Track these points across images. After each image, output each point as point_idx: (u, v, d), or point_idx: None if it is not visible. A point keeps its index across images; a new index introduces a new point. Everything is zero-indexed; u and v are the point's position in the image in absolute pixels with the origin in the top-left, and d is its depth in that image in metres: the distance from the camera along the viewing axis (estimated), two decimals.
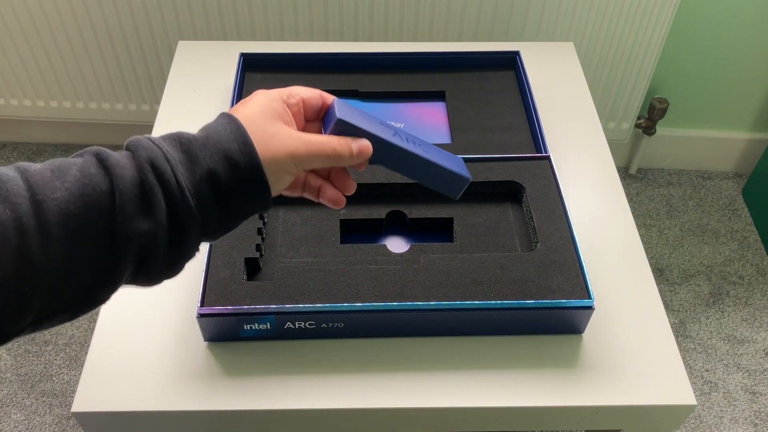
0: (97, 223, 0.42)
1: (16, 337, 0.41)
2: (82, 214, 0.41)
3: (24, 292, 0.39)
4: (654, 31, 1.38)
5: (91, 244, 0.42)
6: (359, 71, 0.98)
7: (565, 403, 0.67)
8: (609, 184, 0.88)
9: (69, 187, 0.41)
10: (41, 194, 0.40)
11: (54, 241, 0.39)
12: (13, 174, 0.40)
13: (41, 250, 0.39)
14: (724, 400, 1.39)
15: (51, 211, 0.39)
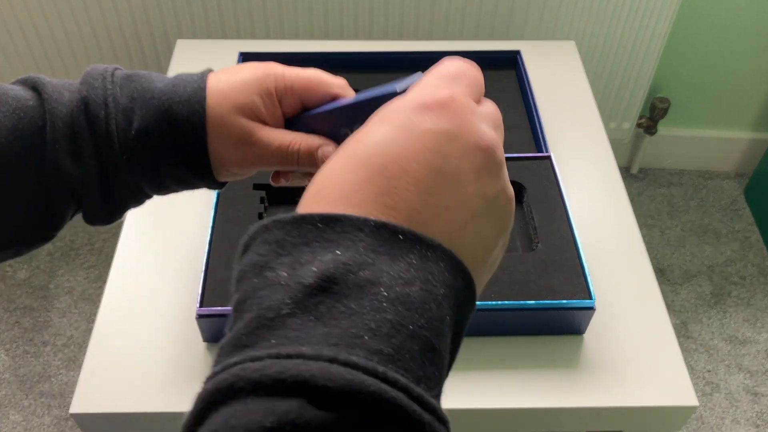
0: (29, 159, 0.40)
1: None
2: (12, 149, 0.39)
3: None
4: (655, 31, 1.38)
5: (22, 179, 0.40)
6: (359, 71, 0.97)
7: (566, 404, 0.67)
8: (610, 184, 0.87)
9: (1, 118, 0.39)
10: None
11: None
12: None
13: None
14: (726, 401, 1.38)
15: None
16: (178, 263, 0.77)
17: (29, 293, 1.51)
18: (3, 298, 1.50)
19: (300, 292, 0.26)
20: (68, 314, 1.48)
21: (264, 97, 0.44)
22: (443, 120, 0.28)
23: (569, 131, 0.94)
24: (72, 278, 1.54)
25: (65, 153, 0.41)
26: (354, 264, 0.26)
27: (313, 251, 0.27)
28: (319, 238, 0.27)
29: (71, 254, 1.58)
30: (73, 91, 0.42)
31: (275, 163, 0.45)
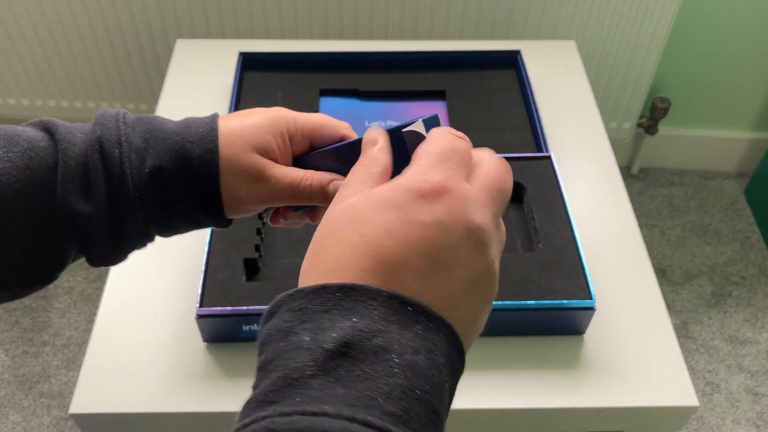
0: (37, 199, 0.41)
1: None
2: (21, 188, 0.40)
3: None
4: (656, 30, 1.38)
5: (29, 219, 0.41)
6: (359, 70, 0.97)
7: (567, 404, 0.67)
8: (611, 184, 0.87)
9: (13, 158, 0.40)
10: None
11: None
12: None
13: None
14: (727, 401, 1.38)
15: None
16: (178, 263, 0.77)
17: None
18: None
19: (321, 356, 0.29)
20: (68, 314, 1.48)
21: (277, 137, 0.46)
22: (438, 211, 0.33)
23: (569, 131, 0.94)
24: (72, 278, 1.54)
25: (77, 191, 0.42)
26: (369, 331, 0.30)
27: (332, 318, 0.30)
28: (338, 306, 0.31)
29: None
30: (86, 132, 0.43)
31: (286, 199, 0.46)
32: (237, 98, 0.90)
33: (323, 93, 0.95)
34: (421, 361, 0.30)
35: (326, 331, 0.30)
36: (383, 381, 0.29)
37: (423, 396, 0.30)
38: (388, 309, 0.31)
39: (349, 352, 0.30)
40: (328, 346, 0.30)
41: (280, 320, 0.32)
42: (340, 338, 0.30)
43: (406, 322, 0.31)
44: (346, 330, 0.30)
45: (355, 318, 0.30)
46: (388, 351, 0.30)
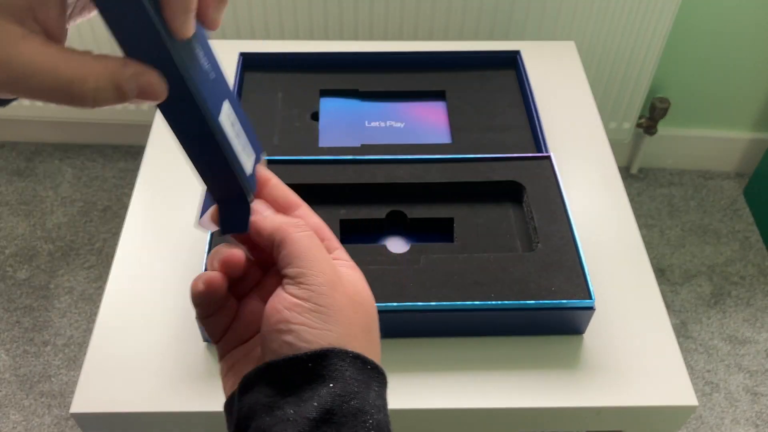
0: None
1: None
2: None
3: None
4: (655, 31, 1.38)
5: None
6: (359, 70, 0.97)
7: (566, 404, 0.67)
8: (610, 184, 0.87)
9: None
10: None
11: None
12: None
13: None
14: (726, 400, 1.38)
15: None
16: (178, 263, 0.77)
17: (29, 293, 1.51)
18: (3, 298, 1.50)
19: (307, 426, 0.31)
20: (68, 314, 1.48)
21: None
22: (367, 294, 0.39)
23: (569, 131, 0.94)
24: (72, 278, 1.54)
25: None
26: (346, 394, 0.33)
27: (311, 388, 0.33)
28: (312, 374, 0.33)
29: (71, 254, 1.58)
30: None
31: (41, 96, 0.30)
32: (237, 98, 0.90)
33: (323, 93, 0.95)
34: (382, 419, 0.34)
35: (308, 402, 0.32)
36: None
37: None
38: (356, 368, 0.34)
39: (331, 419, 0.32)
40: (312, 415, 0.32)
41: (262, 394, 0.33)
42: (321, 407, 0.32)
43: (368, 380, 0.34)
44: (325, 397, 0.32)
45: (331, 383, 0.33)
46: (363, 413, 0.33)
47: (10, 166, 1.76)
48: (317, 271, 0.35)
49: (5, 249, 1.59)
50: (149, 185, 0.86)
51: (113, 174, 1.75)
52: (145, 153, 0.90)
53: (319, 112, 0.92)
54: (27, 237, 1.61)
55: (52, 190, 1.71)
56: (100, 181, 1.73)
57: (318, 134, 0.88)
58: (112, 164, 1.77)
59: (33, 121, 1.71)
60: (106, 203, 1.69)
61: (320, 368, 0.33)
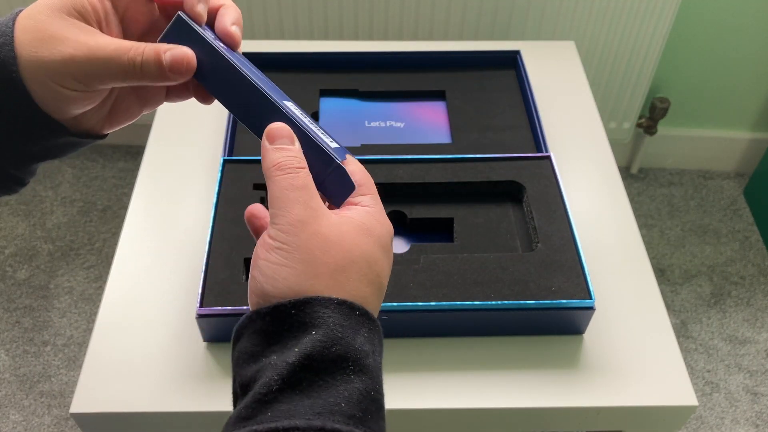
0: None
1: None
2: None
3: None
4: (655, 31, 1.38)
5: None
6: (359, 71, 0.97)
7: (566, 404, 0.67)
8: (610, 184, 0.87)
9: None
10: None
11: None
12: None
13: None
14: (726, 400, 1.38)
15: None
16: (178, 263, 0.77)
17: (29, 293, 1.51)
18: (3, 298, 1.50)
19: (286, 370, 0.32)
20: (68, 314, 1.48)
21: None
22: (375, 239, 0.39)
23: (569, 131, 0.94)
24: (72, 278, 1.54)
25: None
26: (327, 340, 0.33)
27: (294, 335, 0.33)
28: (296, 322, 0.33)
29: (71, 254, 1.58)
30: None
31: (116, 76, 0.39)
32: None
33: (323, 93, 0.95)
34: (371, 364, 0.34)
35: (291, 348, 0.33)
36: (343, 388, 0.32)
37: (374, 396, 0.34)
38: (341, 315, 0.34)
39: (311, 364, 0.32)
40: (291, 359, 0.32)
41: (249, 343, 0.35)
42: (302, 352, 0.32)
43: (356, 326, 0.34)
44: (306, 344, 0.33)
45: (313, 330, 0.33)
46: (345, 359, 0.33)
47: None
48: (285, 211, 0.36)
49: (5, 249, 1.59)
50: (149, 185, 0.86)
51: (113, 174, 1.75)
52: (145, 153, 0.90)
53: (319, 112, 0.92)
54: (27, 237, 1.61)
55: (52, 190, 1.71)
56: (100, 181, 1.73)
57: None
58: (112, 164, 1.77)
59: None
60: (106, 203, 1.69)
61: (303, 315, 0.34)
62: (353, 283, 0.36)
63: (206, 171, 0.87)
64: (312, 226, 0.36)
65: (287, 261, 0.35)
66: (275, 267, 0.35)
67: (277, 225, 0.36)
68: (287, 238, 0.35)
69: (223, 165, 0.79)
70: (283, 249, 0.35)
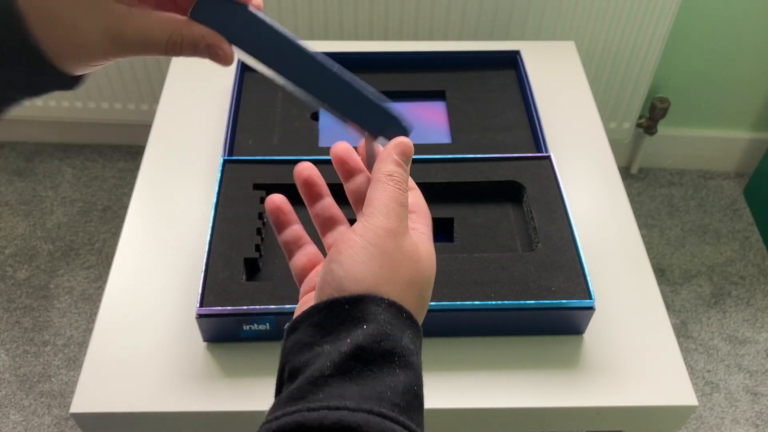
0: None
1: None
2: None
3: None
4: (655, 31, 1.38)
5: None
6: (359, 71, 0.97)
7: (566, 404, 0.67)
8: (610, 184, 0.87)
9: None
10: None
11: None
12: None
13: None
14: (726, 400, 1.38)
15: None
16: (178, 263, 0.77)
17: (29, 293, 1.51)
18: (3, 298, 1.50)
19: (338, 358, 0.35)
20: (68, 314, 1.48)
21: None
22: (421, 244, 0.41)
23: (569, 131, 0.94)
24: (72, 278, 1.54)
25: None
26: (377, 335, 0.35)
27: (347, 329, 0.36)
28: (350, 316, 0.36)
29: (71, 254, 1.58)
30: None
31: (152, 52, 0.40)
32: (237, 98, 0.90)
33: None
34: (414, 362, 0.37)
35: (343, 339, 0.35)
36: (389, 379, 0.35)
37: (417, 390, 0.36)
38: (390, 314, 0.37)
39: (361, 354, 0.35)
40: (343, 349, 0.35)
41: (304, 334, 0.37)
42: (354, 343, 0.35)
43: (403, 326, 0.37)
44: (358, 336, 0.35)
45: (365, 325, 0.36)
46: (392, 354, 0.35)
47: (10, 166, 1.76)
48: (384, 217, 0.39)
49: (5, 249, 1.59)
50: (149, 185, 0.86)
51: (113, 174, 1.75)
52: (145, 153, 0.90)
53: (319, 112, 0.92)
54: (27, 237, 1.61)
55: (52, 190, 1.71)
56: (100, 181, 1.73)
57: (318, 134, 0.88)
58: (112, 164, 1.77)
59: (33, 121, 1.71)
60: (106, 203, 1.69)
61: (356, 311, 0.36)
62: (414, 298, 0.39)
63: (206, 171, 0.87)
64: (398, 239, 0.39)
65: (371, 262, 0.37)
66: (359, 266, 0.37)
67: (369, 226, 0.38)
68: (376, 241, 0.38)
69: (223, 165, 0.79)
70: (370, 251, 0.38)
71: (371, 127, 0.44)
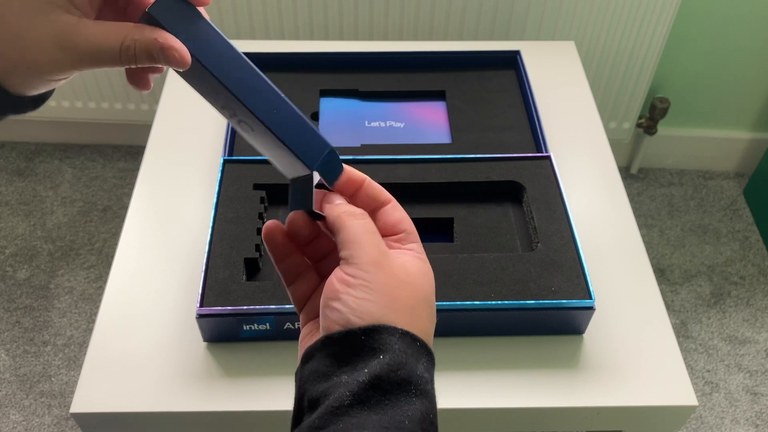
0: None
1: None
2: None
3: None
4: (655, 31, 1.38)
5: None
6: (359, 71, 0.97)
7: (566, 404, 0.67)
8: (610, 184, 0.87)
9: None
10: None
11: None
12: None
13: None
14: (726, 400, 1.38)
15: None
16: (178, 263, 0.77)
17: (29, 293, 1.51)
18: (3, 298, 1.50)
19: (357, 388, 0.35)
20: (68, 314, 1.48)
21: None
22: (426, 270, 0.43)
23: (569, 131, 0.94)
24: (72, 278, 1.54)
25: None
26: (394, 364, 0.36)
27: (363, 359, 0.37)
28: (366, 347, 0.37)
29: (71, 254, 1.58)
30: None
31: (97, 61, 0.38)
32: None
33: (323, 93, 0.95)
34: (429, 390, 0.38)
35: (360, 370, 0.36)
36: (407, 408, 0.36)
37: (433, 419, 0.37)
38: (405, 343, 0.38)
39: (379, 384, 0.36)
40: (362, 379, 0.36)
41: (320, 364, 0.38)
42: (371, 373, 0.36)
43: (417, 355, 0.38)
44: (375, 366, 0.36)
45: (381, 355, 0.37)
46: (408, 382, 0.36)
47: (10, 166, 1.76)
48: (363, 252, 0.40)
49: (5, 249, 1.59)
50: (149, 185, 0.86)
51: (113, 174, 1.75)
52: (145, 153, 0.90)
53: (319, 112, 0.92)
54: (27, 237, 1.61)
55: (52, 190, 1.71)
56: (100, 181, 1.73)
57: None
58: (112, 164, 1.77)
59: (33, 121, 1.71)
60: (106, 203, 1.69)
61: (372, 341, 0.37)
62: (423, 321, 0.40)
63: (206, 171, 0.87)
64: (386, 267, 0.40)
65: (371, 296, 0.38)
66: (360, 301, 0.38)
67: (355, 264, 0.39)
68: (369, 276, 0.39)
69: (223, 165, 0.79)
70: (367, 286, 0.39)
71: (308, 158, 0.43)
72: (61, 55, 0.37)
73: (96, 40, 0.37)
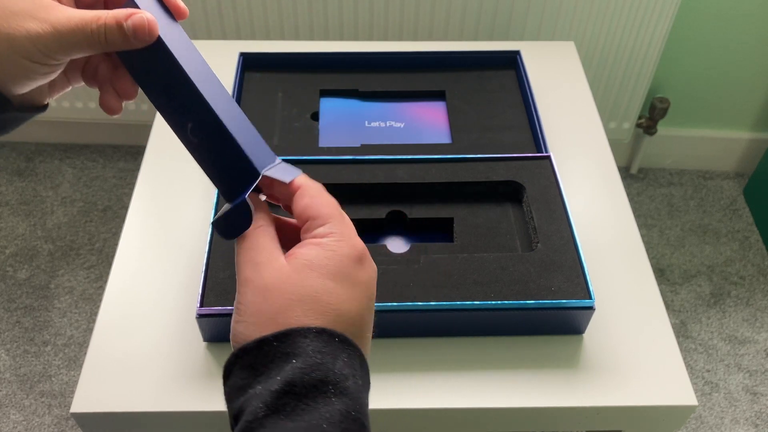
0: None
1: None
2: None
3: None
4: (655, 31, 1.38)
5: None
6: (359, 71, 0.97)
7: (566, 403, 0.67)
8: (610, 184, 0.88)
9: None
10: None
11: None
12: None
13: None
14: (725, 400, 1.39)
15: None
16: (178, 263, 0.77)
17: (29, 293, 1.51)
18: (3, 298, 1.50)
19: (270, 397, 0.35)
20: (68, 314, 1.48)
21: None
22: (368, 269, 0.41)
23: (569, 131, 0.94)
24: (72, 278, 1.54)
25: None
26: (307, 367, 0.35)
27: (277, 366, 0.36)
28: (278, 353, 0.36)
29: (71, 254, 1.58)
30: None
31: (78, 46, 0.40)
32: (237, 98, 0.90)
33: (323, 93, 0.95)
34: (351, 387, 0.36)
35: (273, 378, 0.35)
36: (324, 410, 0.35)
37: (356, 416, 0.36)
38: (320, 342, 0.37)
39: (293, 390, 0.35)
40: (274, 387, 0.35)
41: (237, 378, 0.37)
42: (284, 379, 0.35)
43: (336, 352, 0.37)
44: (288, 371, 0.35)
45: (294, 359, 0.36)
46: (325, 383, 0.35)
47: (10, 166, 1.76)
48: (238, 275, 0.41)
49: (5, 249, 1.59)
50: (149, 185, 0.86)
51: (113, 174, 1.75)
52: (145, 153, 0.90)
53: (319, 112, 0.92)
54: (27, 237, 1.61)
55: (52, 190, 1.71)
56: (100, 181, 1.73)
57: (318, 134, 0.89)
58: (112, 164, 1.77)
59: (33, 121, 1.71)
60: (106, 203, 1.69)
61: (285, 346, 0.36)
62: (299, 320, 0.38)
63: None
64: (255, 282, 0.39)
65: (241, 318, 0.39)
66: (235, 325, 0.39)
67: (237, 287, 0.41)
68: (240, 298, 0.40)
69: None
70: (239, 309, 0.39)
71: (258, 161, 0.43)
72: (36, 26, 0.38)
73: (71, 13, 0.39)
